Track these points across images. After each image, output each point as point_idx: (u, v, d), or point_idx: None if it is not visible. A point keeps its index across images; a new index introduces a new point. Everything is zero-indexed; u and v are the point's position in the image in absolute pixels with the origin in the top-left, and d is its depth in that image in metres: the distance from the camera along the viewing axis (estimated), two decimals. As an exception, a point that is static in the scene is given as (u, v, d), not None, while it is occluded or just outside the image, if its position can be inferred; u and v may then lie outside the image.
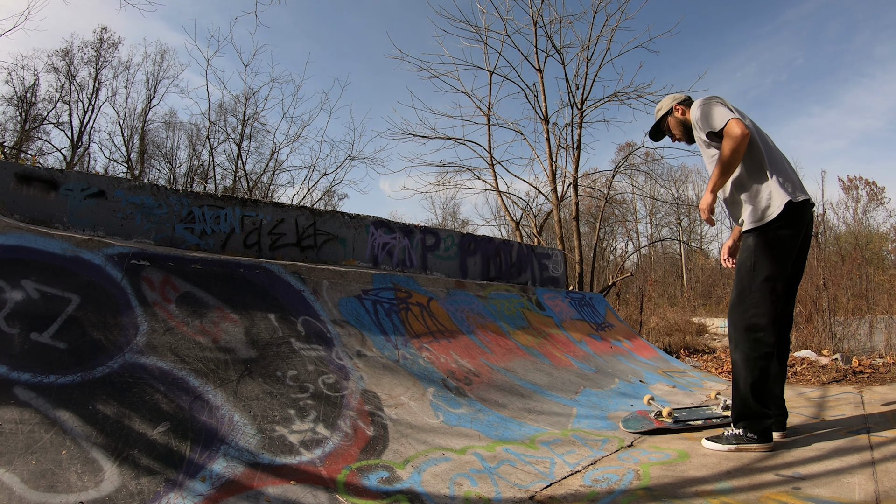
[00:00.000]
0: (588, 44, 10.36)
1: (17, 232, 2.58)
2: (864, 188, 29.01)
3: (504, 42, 11.11)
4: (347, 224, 5.34)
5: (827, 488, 1.87)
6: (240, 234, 4.57)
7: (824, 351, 6.54)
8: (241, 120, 18.28)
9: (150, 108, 24.11)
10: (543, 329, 5.29)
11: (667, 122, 2.97)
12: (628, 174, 13.01)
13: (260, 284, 3.28)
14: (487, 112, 11.22)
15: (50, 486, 1.51)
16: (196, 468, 1.79)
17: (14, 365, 1.92)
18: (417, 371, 3.28)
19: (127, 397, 2.00)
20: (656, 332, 12.02)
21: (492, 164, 11.37)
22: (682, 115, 2.91)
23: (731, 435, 2.52)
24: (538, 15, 10.47)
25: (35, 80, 21.49)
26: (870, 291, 10.32)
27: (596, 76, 10.75)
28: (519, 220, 12.30)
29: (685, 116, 2.88)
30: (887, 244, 25.11)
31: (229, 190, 18.54)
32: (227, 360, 2.51)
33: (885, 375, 4.82)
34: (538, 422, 3.04)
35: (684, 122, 2.89)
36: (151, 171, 24.02)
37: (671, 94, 3.04)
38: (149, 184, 4.29)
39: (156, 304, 2.64)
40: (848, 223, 27.91)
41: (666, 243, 32.44)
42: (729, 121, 2.46)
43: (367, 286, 4.05)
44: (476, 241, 6.66)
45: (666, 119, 2.97)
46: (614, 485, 2.10)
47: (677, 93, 3.67)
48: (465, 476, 2.12)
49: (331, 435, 2.26)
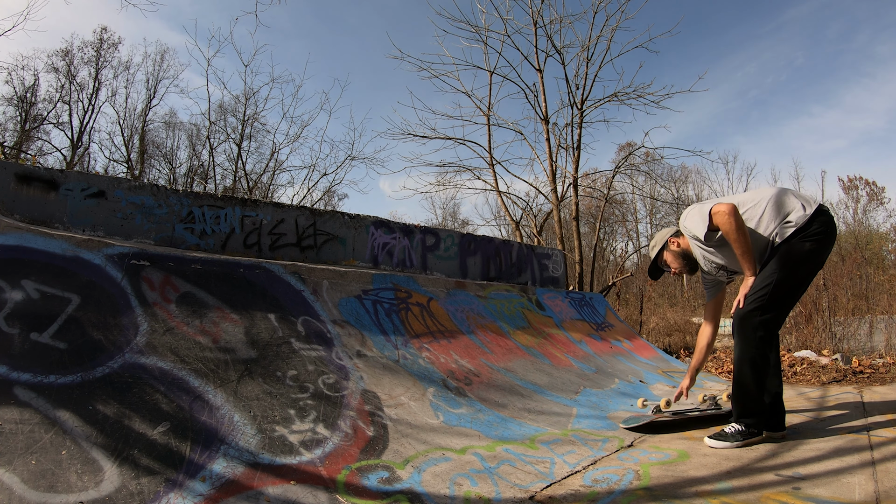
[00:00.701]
0: (588, 44, 10.37)
1: (17, 232, 2.58)
2: (864, 188, 28.98)
3: (504, 42, 11.11)
4: (347, 224, 5.34)
5: (827, 488, 1.87)
6: (240, 234, 4.57)
7: (824, 351, 6.54)
8: (241, 120, 18.31)
9: (150, 108, 24.11)
10: (543, 329, 5.29)
11: (663, 258, 2.99)
12: (628, 174, 13.03)
13: (260, 284, 3.28)
14: (487, 112, 11.23)
15: (50, 486, 1.51)
16: (196, 468, 1.79)
17: (14, 365, 1.92)
18: (417, 371, 3.28)
19: (127, 397, 2.00)
20: (656, 332, 12.03)
21: (492, 164, 11.38)
22: (677, 247, 2.94)
23: (736, 431, 2.53)
24: (538, 15, 10.48)
25: (35, 80, 21.50)
26: (870, 291, 10.32)
27: (596, 76, 10.73)
28: (519, 220, 12.30)
29: (682, 248, 2.92)
30: (887, 244, 25.11)
31: (229, 190, 18.54)
32: (227, 360, 2.51)
33: (885, 375, 4.82)
34: (538, 422, 3.04)
35: (682, 253, 2.93)
36: (151, 171, 24.03)
37: (663, 230, 3.10)
38: (149, 184, 4.29)
39: (156, 304, 2.64)
40: (848, 223, 27.89)
41: (666, 243, 32.34)
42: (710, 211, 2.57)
43: (367, 286, 4.05)
44: (476, 241, 6.66)
45: (662, 254, 2.99)
46: (614, 485, 2.10)
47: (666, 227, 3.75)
48: (465, 476, 2.13)
49: (331, 435, 2.26)
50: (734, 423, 2.58)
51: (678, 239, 2.95)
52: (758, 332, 2.51)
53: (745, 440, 2.51)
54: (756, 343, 2.51)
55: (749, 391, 2.55)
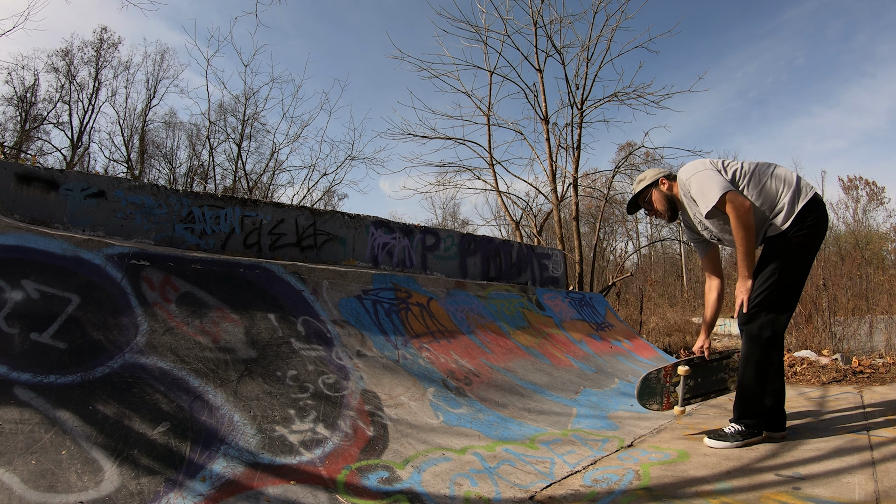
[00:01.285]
0: (588, 44, 10.36)
1: (17, 232, 2.58)
2: (864, 188, 28.98)
3: (504, 42, 11.14)
4: (347, 224, 5.34)
5: (827, 488, 1.87)
6: (240, 234, 4.57)
7: (824, 351, 6.54)
8: (241, 120, 18.28)
9: (150, 108, 24.12)
10: (543, 329, 5.29)
11: (649, 194, 2.84)
12: (628, 174, 13.00)
13: (260, 284, 3.27)
14: (487, 112, 11.23)
15: (50, 486, 1.51)
16: (196, 468, 1.79)
17: (14, 365, 1.92)
18: (417, 371, 3.28)
19: (127, 397, 2.00)
20: (656, 332, 12.03)
21: (492, 164, 11.38)
22: (668, 190, 2.80)
23: (736, 431, 2.53)
24: (538, 15, 10.48)
25: (35, 80, 21.50)
26: (870, 291, 10.31)
27: (596, 76, 10.76)
28: (519, 220, 12.30)
29: (673, 193, 2.79)
30: (887, 244, 25.10)
31: (229, 190, 18.53)
32: (227, 360, 2.51)
33: (885, 375, 4.82)
34: (538, 422, 3.04)
35: (670, 197, 2.79)
36: (151, 171, 24.03)
37: (654, 168, 2.95)
38: (149, 184, 4.29)
39: (156, 304, 2.64)
40: (848, 223, 27.90)
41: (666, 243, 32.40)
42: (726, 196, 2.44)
43: (367, 286, 4.05)
44: (476, 241, 6.66)
45: (650, 191, 2.84)
46: (614, 485, 2.10)
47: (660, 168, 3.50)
48: (465, 476, 2.12)
49: (331, 435, 2.26)
50: (734, 424, 2.58)
51: (671, 182, 2.81)
52: (764, 332, 2.50)
53: (745, 440, 2.51)
54: (763, 344, 2.50)
55: (752, 393, 2.55)
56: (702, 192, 2.55)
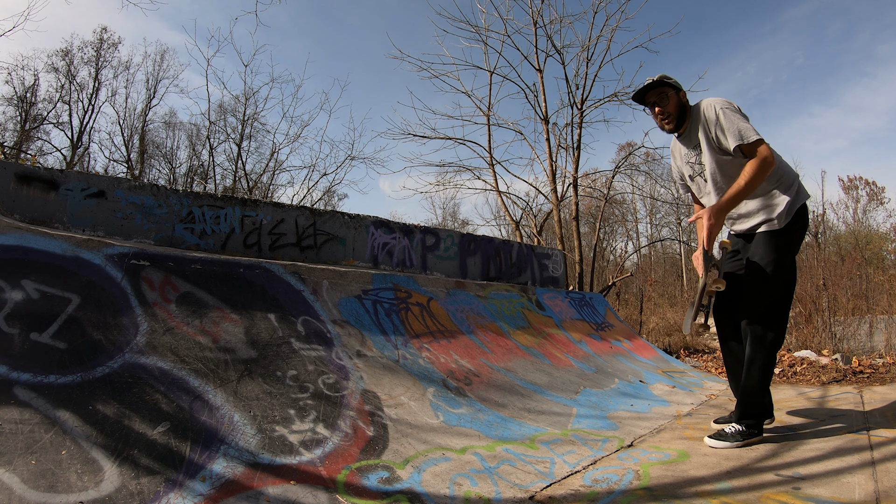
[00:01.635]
0: (588, 44, 10.36)
1: (17, 232, 2.58)
2: (864, 188, 28.96)
3: (504, 42, 11.13)
4: (347, 224, 5.34)
5: (827, 488, 1.87)
6: (240, 234, 4.57)
7: (824, 351, 6.54)
8: (241, 120, 18.26)
9: (150, 108, 24.07)
10: (543, 329, 5.29)
11: (669, 91, 2.66)
12: (628, 174, 13.01)
13: (260, 284, 3.27)
14: (487, 112, 11.23)
15: (50, 486, 1.51)
16: (196, 468, 1.79)
17: (14, 365, 1.92)
18: (417, 371, 3.28)
19: (127, 397, 2.00)
20: (656, 332, 12.01)
21: (492, 164, 11.38)
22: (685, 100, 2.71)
23: (736, 432, 2.54)
24: (538, 15, 10.48)
25: (35, 80, 21.47)
26: (870, 291, 10.30)
27: (596, 76, 10.79)
28: (519, 220, 12.30)
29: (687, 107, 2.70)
30: (887, 244, 25.09)
31: (229, 190, 18.52)
32: (227, 360, 2.51)
33: (885, 375, 4.82)
34: (538, 422, 3.04)
35: (685, 107, 2.69)
36: (151, 171, 24.01)
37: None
38: (149, 184, 4.29)
39: (156, 304, 2.64)
40: (848, 223, 27.89)
41: (666, 243, 32.40)
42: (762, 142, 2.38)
43: (367, 286, 4.05)
44: (476, 241, 6.66)
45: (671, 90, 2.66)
46: (614, 485, 2.10)
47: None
48: (465, 476, 2.12)
49: (331, 435, 2.26)
50: (734, 424, 2.59)
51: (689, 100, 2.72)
52: (770, 334, 2.50)
53: (745, 440, 2.51)
54: (768, 346, 2.50)
55: (755, 395, 2.55)
56: (735, 126, 2.44)
